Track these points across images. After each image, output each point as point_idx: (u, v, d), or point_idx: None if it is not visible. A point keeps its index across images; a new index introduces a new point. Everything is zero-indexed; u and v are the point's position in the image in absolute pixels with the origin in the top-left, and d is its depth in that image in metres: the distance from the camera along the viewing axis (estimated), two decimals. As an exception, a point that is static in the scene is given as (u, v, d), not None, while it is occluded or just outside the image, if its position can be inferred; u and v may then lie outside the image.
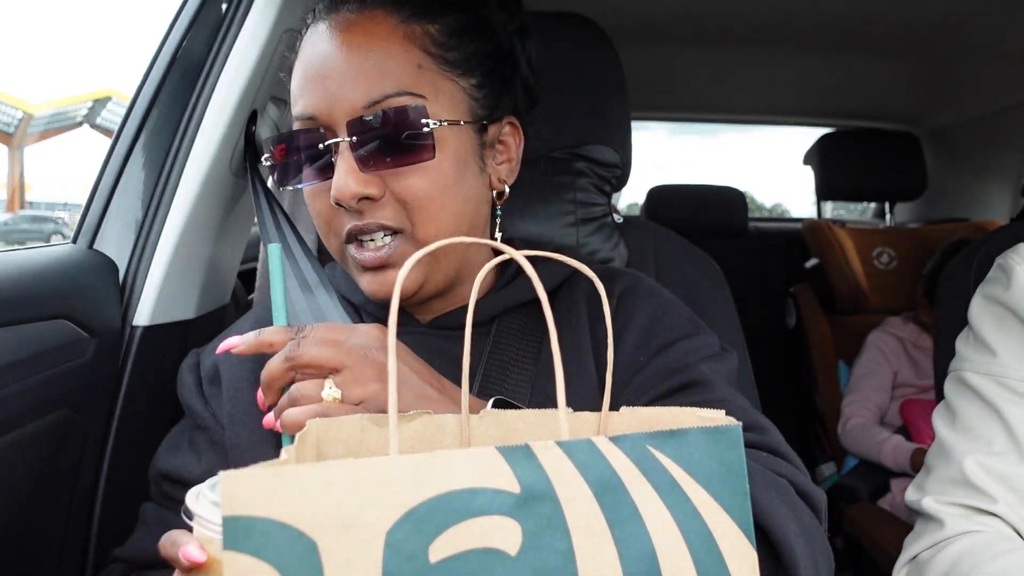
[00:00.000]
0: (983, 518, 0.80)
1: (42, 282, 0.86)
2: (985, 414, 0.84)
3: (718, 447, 0.41)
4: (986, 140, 2.48)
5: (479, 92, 0.76)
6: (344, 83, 0.70)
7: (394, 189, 0.71)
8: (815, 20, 1.90)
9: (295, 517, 0.33)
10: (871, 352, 2.14)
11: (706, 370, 0.75)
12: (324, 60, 0.71)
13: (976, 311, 0.90)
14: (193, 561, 0.50)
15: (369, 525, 0.34)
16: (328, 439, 0.47)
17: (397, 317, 0.37)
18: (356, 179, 0.69)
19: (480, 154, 0.77)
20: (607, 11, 1.50)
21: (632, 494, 0.39)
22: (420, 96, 0.71)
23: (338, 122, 0.71)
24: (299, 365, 0.60)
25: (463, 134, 0.74)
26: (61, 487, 0.89)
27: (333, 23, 0.73)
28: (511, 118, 0.82)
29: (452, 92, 0.74)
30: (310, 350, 0.60)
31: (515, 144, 0.83)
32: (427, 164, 0.71)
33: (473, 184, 0.76)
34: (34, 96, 74.39)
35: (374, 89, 0.70)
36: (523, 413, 0.49)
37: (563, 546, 0.37)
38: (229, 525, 0.33)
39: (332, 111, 0.70)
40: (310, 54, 0.73)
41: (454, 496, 0.36)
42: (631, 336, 0.79)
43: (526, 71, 0.83)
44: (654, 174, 8.16)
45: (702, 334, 0.81)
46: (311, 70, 0.72)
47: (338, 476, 0.34)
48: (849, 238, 2.40)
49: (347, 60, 0.70)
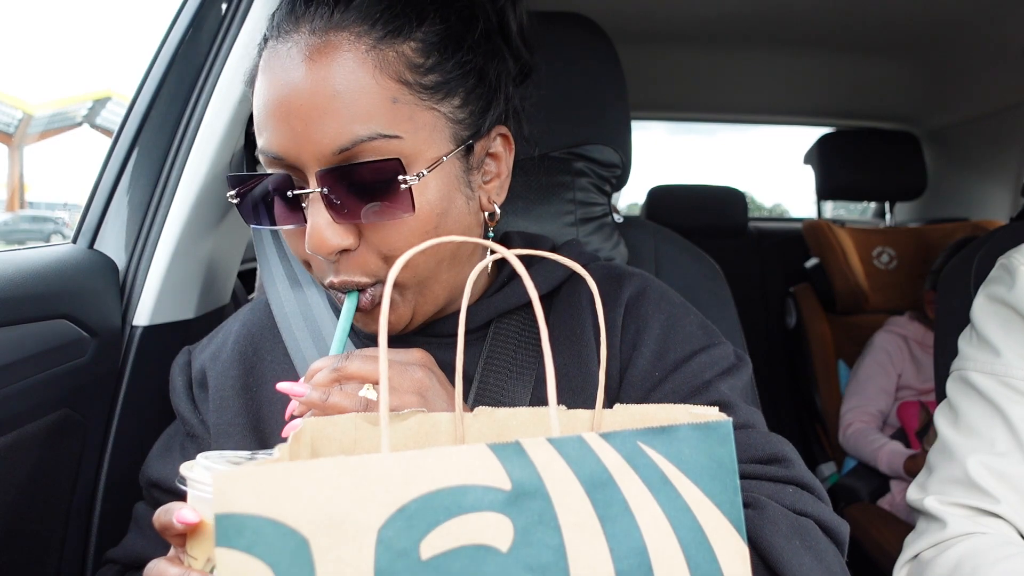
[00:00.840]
0: (986, 519, 0.80)
1: (42, 282, 0.86)
2: (988, 414, 0.84)
3: (709, 443, 0.41)
4: (986, 140, 2.48)
5: (463, 112, 0.68)
6: (310, 123, 0.62)
7: (371, 240, 0.66)
8: (815, 20, 1.90)
9: (287, 514, 0.34)
10: (876, 355, 2.13)
11: (726, 390, 0.73)
12: (288, 93, 0.63)
13: (979, 311, 0.90)
14: (186, 523, 0.51)
15: (361, 522, 0.35)
16: (322, 438, 0.47)
17: (387, 329, 0.38)
18: (331, 232, 0.64)
19: (467, 180, 0.70)
20: (607, 11, 1.51)
21: (623, 490, 0.39)
22: (396, 137, 0.63)
23: (308, 167, 0.63)
24: (345, 376, 0.62)
25: (446, 168, 0.67)
26: (61, 487, 0.89)
27: (296, 47, 0.63)
28: (501, 128, 0.74)
29: (432, 124, 0.66)
30: (355, 363, 0.62)
31: (505, 155, 0.75)
32: (405, 218, 0.65)
33: (459, 218, 0.69)
34: (34, 96, 74.40)
35: (344, 133, 0.62)
36: (516, 411, 0.49)
37: (554, 542, 0.37)
38: (221, 522, 0.33)
39: (300, 154, 0.63)
40: (272, 82, 0.64)
41: (445, 493, 0.36)
42: (646, 348, 0.75)
43: (517, 41, 0.76)
44: (654, 174, 8.16)
45: (718, 345, 0.78)
46: (274, 103, 0.64)
47: (330, 474, 0.35)
48: (849, 238, 2.40)
49: (312, 97, 0.62)
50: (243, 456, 0.58)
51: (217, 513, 0.33)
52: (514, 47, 0.76)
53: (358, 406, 0.60)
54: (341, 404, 0.60)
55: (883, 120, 2.71)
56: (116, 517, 0.93)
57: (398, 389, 0.62)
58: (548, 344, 0.40)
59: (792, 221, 3.09)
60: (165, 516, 0.53)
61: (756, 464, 0.69)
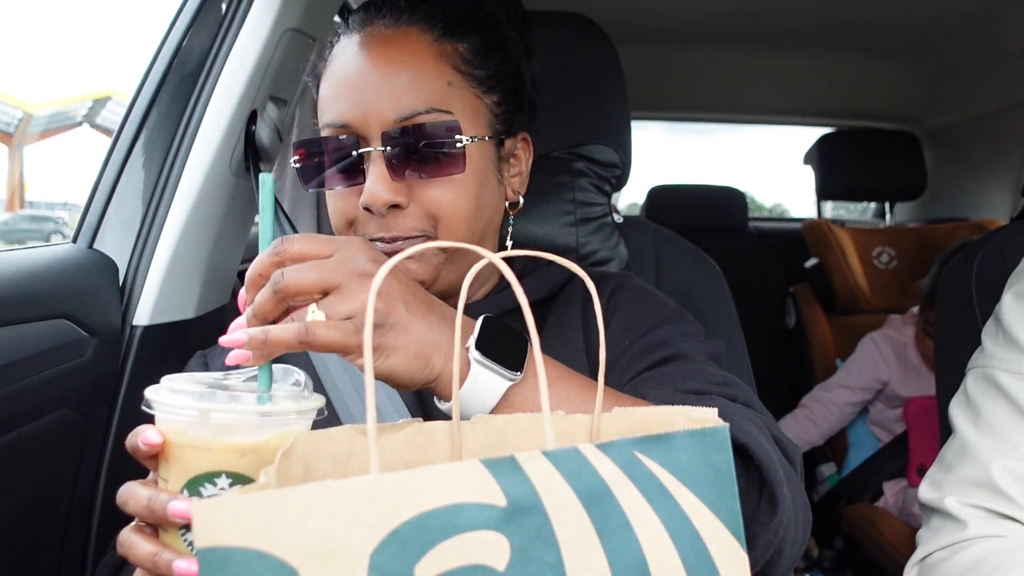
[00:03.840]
0: (1006, 522, 0.78)
1: (42, 282, 0.86)
2: (1014, 414, 0.81)
3: (706, 450, 0.40)
4: (986, 140, 2.48)
5: (499, 108, 0.81)
6: (379, 96, 0.73)
7: (420, 199, 0.75)
8: (815, 20, 1.90)
9: (273, 545, 0.32)
10: (860, 357, 2.10)
11: (687, 345, 0.78)
12: (360, 72, 0.75)
13: (1007, 308, 0.87)
14: (151, 444, 0.51)
15: (352, 548, 0.33)
16: (315, 454, 0.45)
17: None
18: (388, 187, 0.72)
19: (498, 167, 0.82)
20: (607, 11, 1.50)
21: (621, 502, 0.38)
22: (448, 112, 0.75)
23: (372, 132, 0.74)
24: (287, 295, 0.55)
25: (485, 149, 0.79)
26: (61, 487, 0.89)
27: (369, 36, 0.76)
28: (524, 134, 0.87)
29: (477, 108, 0.78)
30: (294, 277, 0.54)
31: (526, 157, 0.88)
32: (455, 177, 0.75)
33: (491, 196, 0.81)
34: (34, 96, 74.35)
35: (407, 104, 0.73)
36: (515, 418, 0.49)
37: (552, 558, 0.36)
38: (205, 557, 0.31)
39: (367, 121, 0.74)
40: (345, 64, 0.76)
41: (439, 513, 0.35)
42: (618, 322, 0.82)
43: (530, 88, 0.87)
44: (653, 175, 8.16)
45: (687, 321, 0.84)
46: (346, 80, 0.76)
47: (317, 499, 0.33)
48: (849, 238, 2.40)
49: (383, 74, 0.74)
50: (211, 378, 0.56)
51: (199, 548, 0.31)
52: (528, 91, 0.87)
53: (301, 336, 0.53)
54: (282, 339, 0.53)
55: (883, 120, 2.71)
56: (116, 517, 0.93)
57: (347, 294, 0.55)
58: (540, 354, 0.39)
59: (792, 221, 3.09)
60: (132, 439, 0.53)
61: (709, 384, 0.70)
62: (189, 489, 0.51)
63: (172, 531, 0.52)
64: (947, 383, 1.03)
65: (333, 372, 0.82)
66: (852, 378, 2.09)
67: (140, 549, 0.51)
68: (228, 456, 0.51)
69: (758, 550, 0.59)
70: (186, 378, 0.54)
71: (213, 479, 0.51)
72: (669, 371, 0.74)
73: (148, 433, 0.51)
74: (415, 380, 0.58)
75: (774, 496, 0.58)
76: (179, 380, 0.54)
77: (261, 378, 0.55)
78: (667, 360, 0.76)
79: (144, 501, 0.51)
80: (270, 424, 0.51)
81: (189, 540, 0.52)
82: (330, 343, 0.53)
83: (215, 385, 0.55)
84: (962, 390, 0.90)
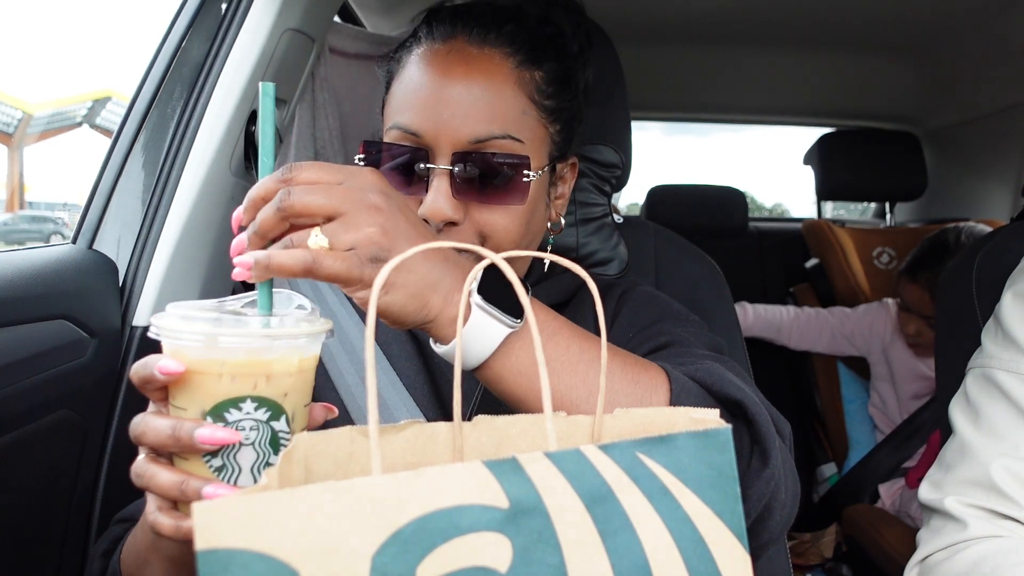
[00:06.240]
0: (1005, 522, 0.78)
1: (42, 282, 0.86)
2: (1014, 414, 0.82)
3: (708, 451, 0.40)
4: (986, 140, 2.48)
5: (559, 137, 0.83)
6: (456, 114, 0.74)
7: (475, 218, 0.76)
8: (815, 20, 1.90)
9: (275, 546, 0.32)
10: (867, 310, 2.19)
11: (685, 335, 0.79)
12: (439, 86, 0.75)
13: (1007, 308, 0.87)
14: (170, 372, 0.49)
15: (354, 550, 0.33)
16: (316, 454, 0.45)
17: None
18: (450, 205, 0.73)
19: (548, 191, 0.84)
20: (607, 11, 1.50)
21: (623, 503, 0.38)
22: (520, 141, 0.76)
23: (442, 147, 0.74)
24: (291, 215, 0.53)
25: (543, 177, 0.81)
26: (61, 487, 0.89)
27: (453, 51, 0.76)
28: (574, 158, 0.89)
29: (543, 138, 0.80)
30: (300, 197, 0.53)
31: (571, 179, 0.90)
32: (515, 206, 0.76)
33: (540, 219, 0.83)
34: (34, 96, 74.40)
35: (483, 129, 0.74)
36: (516, 418, 0.49)
37: (554, 560, 0.36)
38: (205, 559, 0.31)
39: (438, 135, 0.74)
40: (424, 72, 0.76)
41: (441, 514, 0.34)
42: (624, 320, 0.86)
43: (583, 106, 0.88)
44: (652, 175, 8.16)
45: (692, 321, 0.86)
46: (422, 89, 0.75)
47: (318, 500, 0.33)
48: (849, 238, 2.40)
49: (463, 93, 0.74)
50: (211, 304, 0.55)
51: (199, 549, 0.31)
52: (583, 112, 0.89)
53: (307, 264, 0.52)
54: (286, 265, 0.52)
55: (883, 120, 2.71)
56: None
57: (352, 223, 0.53)
58: (543, 357, 0.39)
59: (792, 221, 3.09)
60: (144, 369, 0.50)
61: (704, 360, 0.71)
62: (213, 415, 0.50)
63: (194, 459, 0.51)
64: (947, 383, 1.02)
65: (340, 366, 0.82)
66: (849, 320, 2.18)
67: (163, 478, 0.51)
68: (251, 380, 0.49)
69: (750, 502, 0.60)
70: (191, 305, 0.53)
71: (238, 404, 0.50)
72: (663, 355, 0.75)
73: (165, 362, 0.49)
74: (410, 319, 0.57)
75: (765, 451, 0.60)
76: (185, 307, 0.52)
77: (261, 301, 0.53)
78: (664, 346, 0.78)
79: (167, 430, 0.50)
80: (281, 346, 0.50)
81: (213, 465, 0.51)
82: (335, 274, 0.52)
83: (219, 310, 0.53)
84: (962, 390, 0.90)
